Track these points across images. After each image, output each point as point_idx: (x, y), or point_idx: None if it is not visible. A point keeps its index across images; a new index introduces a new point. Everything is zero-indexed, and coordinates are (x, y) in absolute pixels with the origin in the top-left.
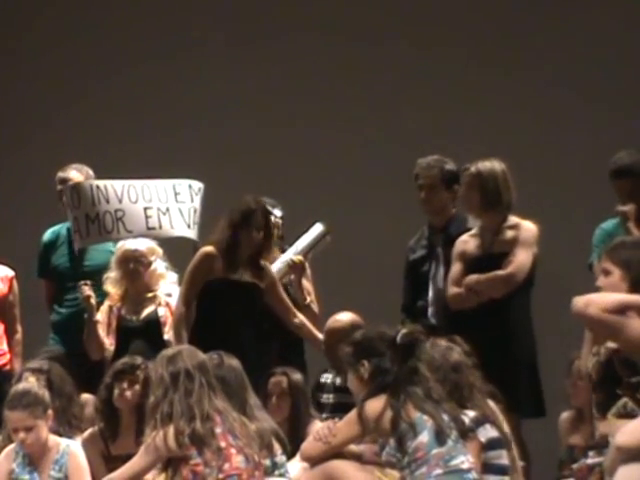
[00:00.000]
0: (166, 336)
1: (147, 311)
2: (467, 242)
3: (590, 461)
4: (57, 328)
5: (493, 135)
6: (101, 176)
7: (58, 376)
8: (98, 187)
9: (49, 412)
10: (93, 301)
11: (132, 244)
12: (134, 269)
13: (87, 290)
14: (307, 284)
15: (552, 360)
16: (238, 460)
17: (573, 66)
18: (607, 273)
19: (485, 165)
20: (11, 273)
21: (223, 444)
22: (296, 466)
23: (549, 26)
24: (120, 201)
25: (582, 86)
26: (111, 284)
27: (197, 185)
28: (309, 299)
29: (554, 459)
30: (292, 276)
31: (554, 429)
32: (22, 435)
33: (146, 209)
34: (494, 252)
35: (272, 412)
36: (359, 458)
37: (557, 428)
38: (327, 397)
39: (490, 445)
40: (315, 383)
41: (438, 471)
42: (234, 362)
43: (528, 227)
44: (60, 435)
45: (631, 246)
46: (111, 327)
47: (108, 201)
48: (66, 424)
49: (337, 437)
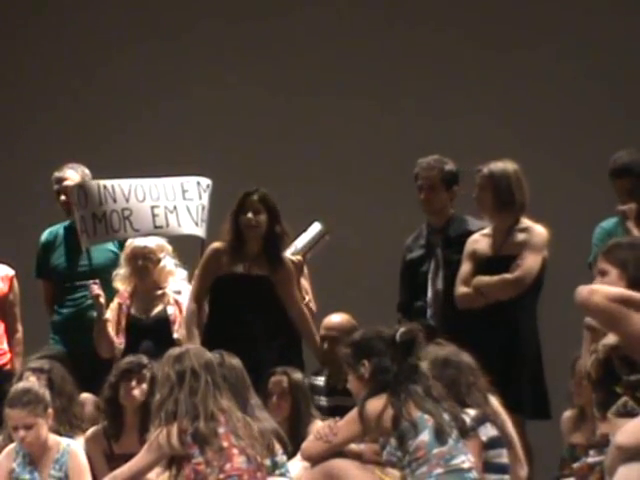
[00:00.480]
0: (175, 335)
1: (156, 310)
2: (478, 241)
3: (591, 460)
4: (57, 328)
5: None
6: (101, 175)
7: (59, 376)
8: (105, 186)
9: (49, 411)
10: (102, 300)
11: (141, 241)
12: (143, 266)
13: (96, 289)
14: (305, 283)
15: (554, 359)
16: (240, 461)
17: (574, 65)
18: (604, 274)
19: (497, 166)
20: (11, 272)
21: (225, 444)
22: (297, 465)
23: (550, 26)
24: (127, 200)
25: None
26: (120, 281)
27: (205, 182)
28: (307, 298)
29: (555, 458)
30: None
31: (555, 428)
32: (22, 433)
33: (153, 208)
34: (503, 254)
35: (273, 411)
36: (360, 457)
37: (559, 427)
38: (320, 399)
39: (491, 444)
40: (308, 385)
41: (439, 470)
42: (235, 361)
43: (539, 231)
44: (60, 435)
45: (627, 246)
46: (120, 325)
47: (115, 200)
48: (67, 424)
49: (338, 436)
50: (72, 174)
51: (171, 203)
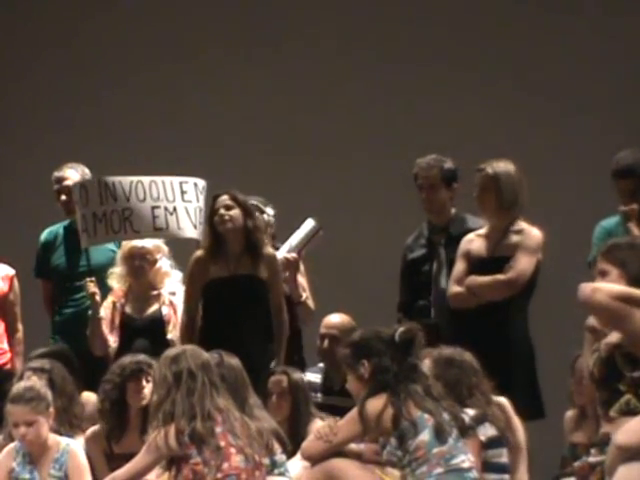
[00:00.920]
0: (169, 335)
1: (151, 309)
2: (473, 241)
3: (592, 459)
4: (58, 328)
5: (493, 134)
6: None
7: (60, 376)
8: (106, 185)
9: (51, 410)
10: (98, 298)
11: (139, 241)
12: (139, 266)
13: (92, 287)
14: (302, 280)
15: (554, 359)
16: (237, 460)
17: (574, 65)
18: (604, 274)
19: (500, 166)
20: (12, 272)
21: (222, 443)
22: (297, 465)
23: (550, 26)
24: (128, 199)
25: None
26: (115, 280)
27: (202, 183)
28: (304, 295)
29: (556, 457)
30: (287, 273)
31: (556, 427)
32: (22, 430)
33: (154, 208)
34: (497, 255)
35: (272, 411)
36: (360, 457)
37: (559, 426)
38: (316, 397)
39: (490, 444)
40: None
41: (439, 470)
42: (234, 361)
43: (533, 233)
44: (60, 434)
45: (626, 246)
46: (114, 324)
47: (116, 199)
48: (67, 424)
49: (338, 436)
50: (72, 174)
51: (171, 204)
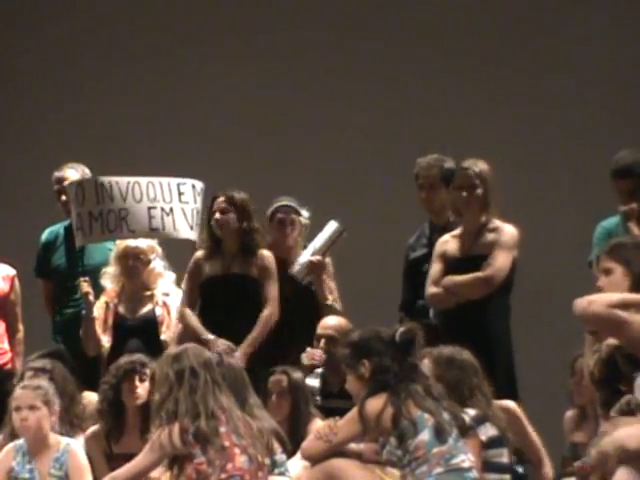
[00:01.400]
0: (163, 336)
1: (144, 310)
2: (448, 242)
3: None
4: (60, 328)
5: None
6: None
7: (60, 376)
8: (102, 184)
9: (55, 407)
10: (92, 298)
11: (133, 241)
12: (133, 266)
13: (86, 287)
14: (330, 283)
15: (554, 359)
16: (241, 460)
17: (574, 64)
18: (608, 272)
19: (480, 165)
20: (12, 272)
21: (227, 443)
22: (297, 464)
23: (548, 24)
24: (124, 200)
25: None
26: (108, 279)
27: (199, 185)
28: (331, 298)
29: (556, 457)
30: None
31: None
32: (24, 413)
33: (150, 209)
34: (474, 254)
35: (272, 411)
36: (360, 457)
37: (559, 426)
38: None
39: (490, 443)
40: None
41: (439, 470)
42: (233, 361)
43: (509, 230)
44: (61, 434)
45: (632, 246)
46: (107, 324)
47: (112, 199)
48: (67, 424)
49: (338, 436)
50: (72, 174)
51: (167, 205)
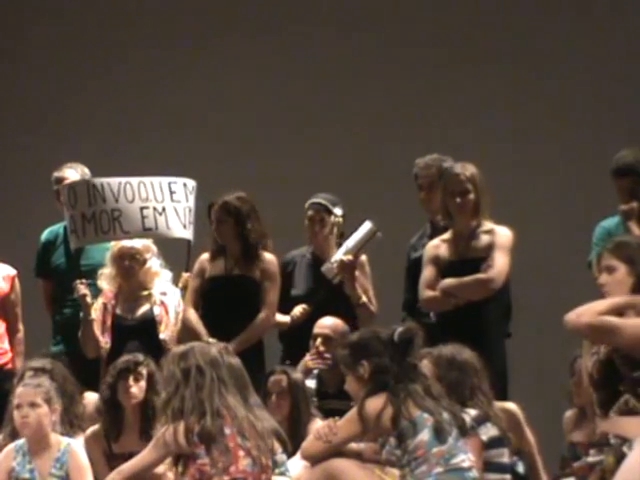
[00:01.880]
0: (162, 335)
1: (142, 310)
2: (439, 247)
3: (591, 459)
4: (61, 328)
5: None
6: (98, 175)
7: (60, 375)
8: (94, 186)
9: (56, 406)
10: (89, 299)
11: (128, 241)
12: (129, 266)
13: (83, 289)
14: (364, 283)
15: (554, 359)
16: (245, 463)
17: (574, 64)
18: (611, 270)
19: (470, 169)
20: (13, 272)
21: (231, 445)
22: (298, 464)
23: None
24: (117, 200)
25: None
26: (105, 280)
27: (191, 184)
28: (364, 298)
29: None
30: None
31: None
32: (25, 410)
33: (142, 209)
34: (469, 257)
35: (272, 411)
36: (359, 456)
37: (559, 426)
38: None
39: (491, 443)
40: None
41: (438, 469)
42: (234, 360)
43: (504, 233)
44: (61, 435)
45: (636, 245)
46: (106, 325)
47: (105, 200)
48: (67, 424)
49: (338, 435)
50: (72, 174)
51: (160, 205)
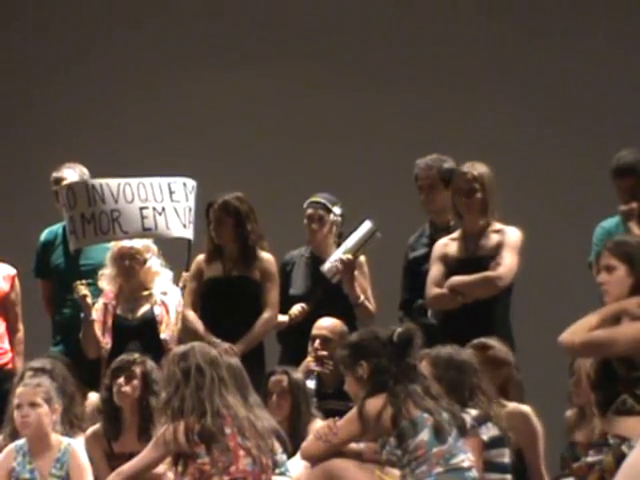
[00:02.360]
0: (162, 335)
1: (143, 310)
2: (448, 245)
3: (590, 459)
4: (61, 328)
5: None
6: (97, 175)
7: (60, 376)
8: (94, 186)
9: (56, 406)
10: (89, 300)
11: (128, 241)
12: (129, 266)
13: (83, 289)
14: (363, 282)
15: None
16: (245, 463)
17: (573, 66)
18: (611, 269)
19: (479, 168)
20: (13, 271)
21: (232, 444)
22: (298, 465)
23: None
24: (116, 201)
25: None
26: (105, 281)
27: (191, 183)
28: (362, 297)
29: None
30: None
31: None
32: (25, 410)
33: (142, 209)
34: (478, 255)
35: (272, 411)
36: (359, 457)
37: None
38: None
39: (492, 443)
40: None
41: (439, 469)
42: (233, 360)
43: (514, 233)
44: (61, 435)
45: (636, 244)
46: (106, 325)
47: (104, 201)
48: (67, 424)
49: (338, 436)
50: (70, 174)
51: (159, 205)
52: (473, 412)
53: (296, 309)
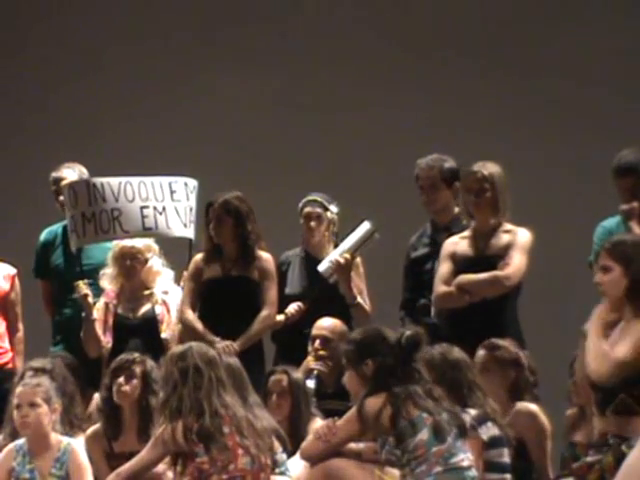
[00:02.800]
0: (163, 334)
1: (144, 309)
2: (457, 243)
3: (590, 459)
4: (61, 328)
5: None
6: (96, 175)
7: (60, 375)
8: (95, 185)
9: (56, 406)
10: (90, 299)
11: (129, 241)
12: (131, 266)
13: (84, 289)
14: (359, 282)
15: (554, 358)
16: (244, 462)
17: (573, 64)
18: (607, 270)
19: (490, 168)
20: (13, 271)
21: (230, 443)
22: (298, 464)
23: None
24: (117, 200)
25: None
26: (107, 280)
27: (192, 183)
28: (358, 298)
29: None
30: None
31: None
32: (25, 410)
33: (142, 208)
34: (488, 254)
35: (272, 410)
36: (359, 456)
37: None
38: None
39: (492, 443)
40: None
41: (438, 469)
42: (232, 360)
43: (524, 234)
44: (61, 434)
45: (632, 244)
46: (107, 324)
47: (105, 200)
48: (67, 424)
49: (337, 435)
50: (69, 173)
51: (160, 204)
52: (473, 412)
53: (292, 308)
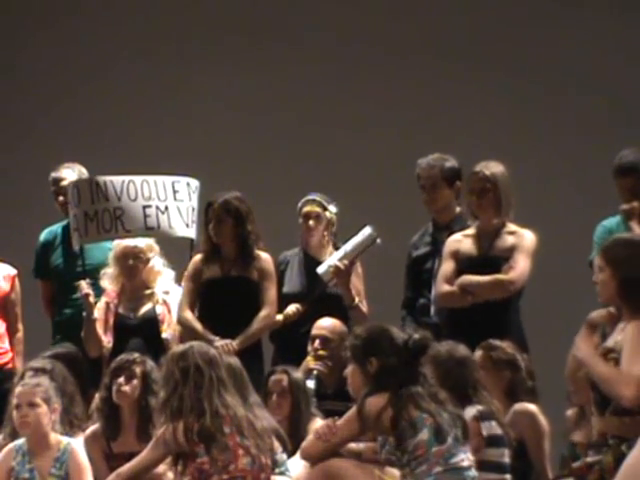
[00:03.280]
0: (164, 334)
1: (144, 309)
2: (461, 241)
3: (590, 459)
4: (61, 328)
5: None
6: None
7: (60, 376)
8: (97, 184)
9: (55, 406)
10: (92, 299)
11: (131, 240)
12: (132, 265)
13: (86, 288)
14: (357, 284)
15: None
16: (244, 462)
17: (573, 64)
18: (601, 270)
19: (495, 167)
20: (13, 271)
21: (231, 443)
22: (299, 464)
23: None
24: (119, 199)
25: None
26: (108, 280)
27: (194, 183)
28: (357, 300)
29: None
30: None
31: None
32: (24, 410)
33: (145, 208)
34: (491, 255)
35: (272, 410)
36: (359, 456)
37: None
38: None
39: (492, 442)
40: None
41: (438, 469)
42: (233, 360)
43: (529, 236)
44: (61, 434)
45: (624, 244)
46: (108, 324)
47: (107, 199)
48: (67, 424)
49: (337, 435)
50: (69, 174)
51: (162, 203)
52: (479, 407)
53: (291, 309)
